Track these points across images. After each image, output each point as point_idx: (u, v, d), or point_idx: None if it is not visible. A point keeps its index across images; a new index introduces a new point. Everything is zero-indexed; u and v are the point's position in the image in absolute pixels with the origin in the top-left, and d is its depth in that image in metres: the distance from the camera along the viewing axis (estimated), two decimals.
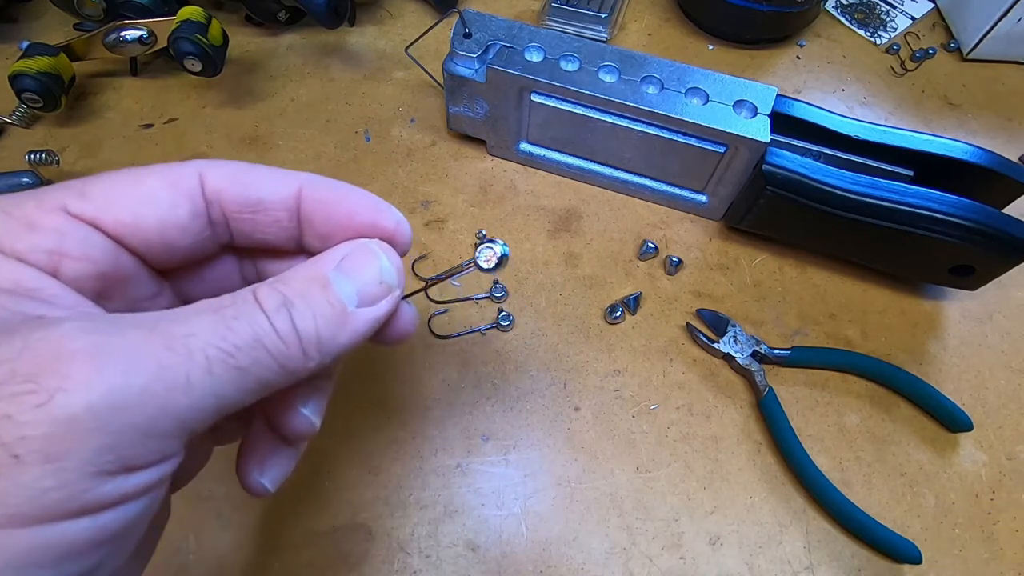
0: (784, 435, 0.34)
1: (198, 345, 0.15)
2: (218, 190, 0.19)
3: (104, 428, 0.13)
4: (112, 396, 0.13)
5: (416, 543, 0.32)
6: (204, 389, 0.15)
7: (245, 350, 0.16)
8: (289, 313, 0.17)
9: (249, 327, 0.16)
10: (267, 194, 0.19)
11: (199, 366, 0.15)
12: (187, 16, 0.41)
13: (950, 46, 0.52)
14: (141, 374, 0.14)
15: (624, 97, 0.37)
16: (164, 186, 0.18)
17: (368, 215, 0.20)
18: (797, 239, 0.40)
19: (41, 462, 0.12)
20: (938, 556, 0.33)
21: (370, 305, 0.18)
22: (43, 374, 0.13)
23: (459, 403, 0.36)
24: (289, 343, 0.16)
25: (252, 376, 0.16)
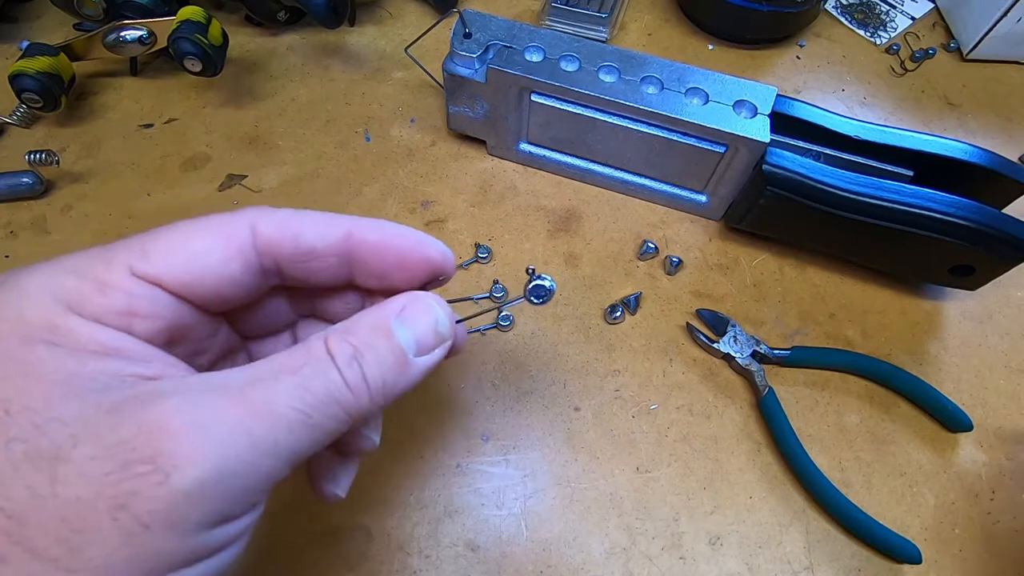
0: (784, 435, 0.34)
1: (281, 411, 0.17)
2: (270, 243, 0.20)
3: (211, 496, 0.16)
4: (215, 470, 0.15)
5: (416, 543, 0.32)
6: (287, 448, 0.17)
7: (320, 408, 0.18)
8: (359, 365, 0.18)
9: (324, 386, 0.18)
10: (317, 242, 0.20)
11: (282, 427, 0.17)
12: (187, 16, 0.41)
13: (950, 46, 0.52)
14: (237, 446, 0.16)
15: (624, 97, 0.37)
16: (219, 244, 0.19)
17: (417, 252, 0.21)
18: (797, 239, 0.40)
19: (165, 529, 0.15)
20: (938, 556, 0.33)
21: (426, 354, 0.20)
22: (160, 456, 0.15)
23: (459, 403, 0.36)
24: (359, 394, 0.18)
25: (324, 430, 0.18)
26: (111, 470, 0.15)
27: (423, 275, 0.22)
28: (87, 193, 0.42)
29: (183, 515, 0.15)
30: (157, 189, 0.43)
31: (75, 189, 0.42)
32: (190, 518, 0.15)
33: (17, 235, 0.40)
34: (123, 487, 0.15)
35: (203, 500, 0.15)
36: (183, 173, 0.43)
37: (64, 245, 0.40)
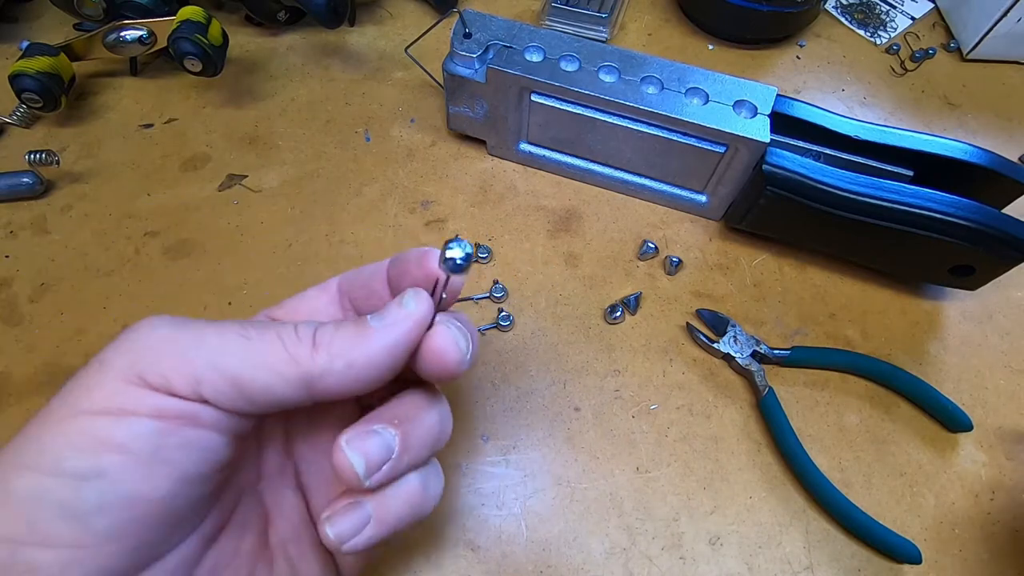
0: (784, 435, 0.34)
1: (226, 324, 0.20)
2: (345, 281, 0.26)
3: (136, 350, 0.20)
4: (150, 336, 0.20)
5: (416, 543, 0.32)
6: (212, 345, 0.20)
7: (258, 331, 0.20)
8: (315, 326, 0.21)
9: (272, 326, 0.21)
10: (368, 275, 0.25)
11: (214, 330, 0.20)
12: (187, 16, 0.41)
13: (950, 46, 0.52)
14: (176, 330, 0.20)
15: (624, 97, 0.37)
16: (315, 289, 0.26)
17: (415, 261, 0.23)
18: (797, 239, 0.40)
19: (98, 367, 0.19)
20: (938, 556, 0.33)
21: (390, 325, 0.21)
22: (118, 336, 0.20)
23: (459, 403, 0.36)
24: (302, 337, 0.20)
25: (257, 350, 0.20)
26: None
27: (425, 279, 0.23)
28: (87, 193, 0.42)
29: (111, 358, 0.19)
30: (157, 189, 0.43)
31: (75, 189, 0.42)
32: (115, 363, 0.19)
33: (17, 235, 0.40)
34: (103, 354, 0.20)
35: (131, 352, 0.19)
36: (183, 173, 0.43)
37: (64, 245, 0.40)
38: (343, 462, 0.20)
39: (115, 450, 0.18)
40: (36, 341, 0.37)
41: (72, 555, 0.17)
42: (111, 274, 0.39)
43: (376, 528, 0.22)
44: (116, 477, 0.18)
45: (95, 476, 0.18)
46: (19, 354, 0.36)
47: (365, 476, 0.21)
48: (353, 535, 0.21)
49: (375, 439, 0.21)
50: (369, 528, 0.21)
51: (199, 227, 0.41)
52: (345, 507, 0.21)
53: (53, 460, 0.18)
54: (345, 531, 0.21)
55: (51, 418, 0.19)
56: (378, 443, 0.21)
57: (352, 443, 0.21)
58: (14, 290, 0.38)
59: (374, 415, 0.22)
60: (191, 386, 0.19)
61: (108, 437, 0.18)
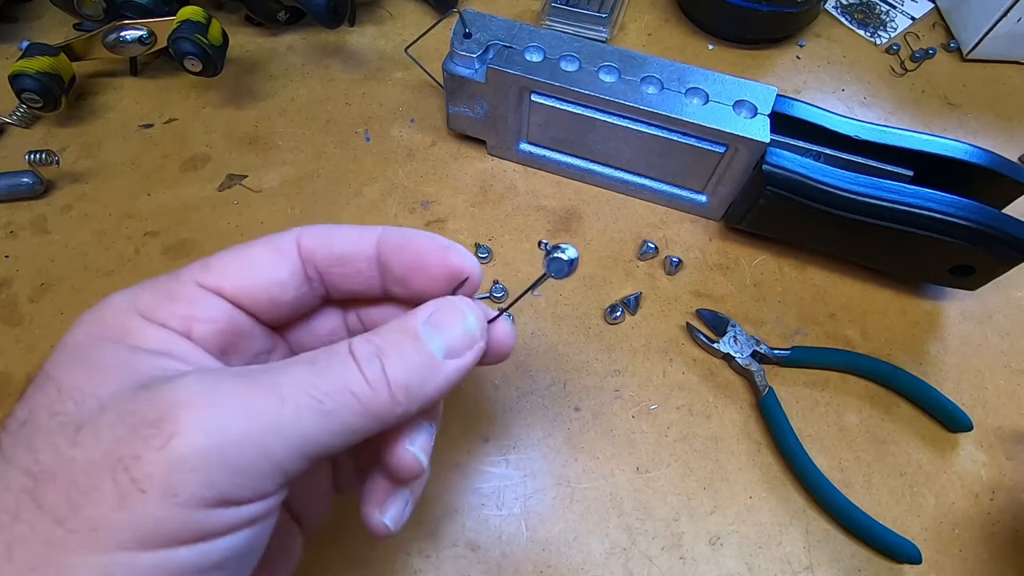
0: (784, 435, 0.34)
1: (289, 393, 0.17)
2: (311, 249, 0.22)
3: (210, 467, 0.16)
4: (215, 439, 0.16)
5: (416, 543, 0.32)
6: (293, 432, 0.17)
7: (332, 395, 0.18)
8: (381, 362, 0.19)
9: (339, 375, 0.18)
10: (349, 248, 0.22)
11: (288, 411, 0.17)
12: (187, 16, 0.41)
13: (950, 46, 0.52)
14: (240, 420, 0.16)
15: (624, 97, 0.37)
16: (267, 252, 0.21)
17: (436, 255, 0.22)
18: (797, 239, 0.40)
19: (160, 495, 0.15)
20: (938, 556, 0.33)
21: (457, 357, 0.20)
22: (163, 420, 0.16)
23: (459, 403, 0.36)
24: (378, 389, 0.18)
25: (337, 420, 0.18)
26: (121, 434, 0.16)
27: (444, 278, 0.22)
28: (87, 193, 0.42)
29: (179, 483, 0.15)
30: (157, 189, 0.43)
31: (75, 189, 0.42)
32: (187, 488, 0.15)
33: (17, 235, 0.40)
34: (127, 449, 0.15)
35: (201, 470, 0.15)
36: (183, 173, 0.43)
37: (64, 245, 0.40)
38: (411, 463, 0.21)
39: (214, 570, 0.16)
40: (36, 341, 0.37)
41: None
42: (111, 274, 0.39)
43: (414, 500, 0.23)
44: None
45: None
46: (19, 354, 0.36)
47: (427, 467, 0.22)
48: (403, 516, 0.23)
49: (425, 434, 0.22)
50: (410, 503, 0.23)
51: (199, 227, 0.41)
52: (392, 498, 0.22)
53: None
54: (399, 515, 0.22)
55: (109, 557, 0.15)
56: (429, 436, 0.22)
57: (415, 443, 0.21)
58: (14, 290, 0.38)
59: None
60: (279, 483, 0.17)
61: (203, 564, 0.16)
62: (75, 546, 0.15)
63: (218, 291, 0.20)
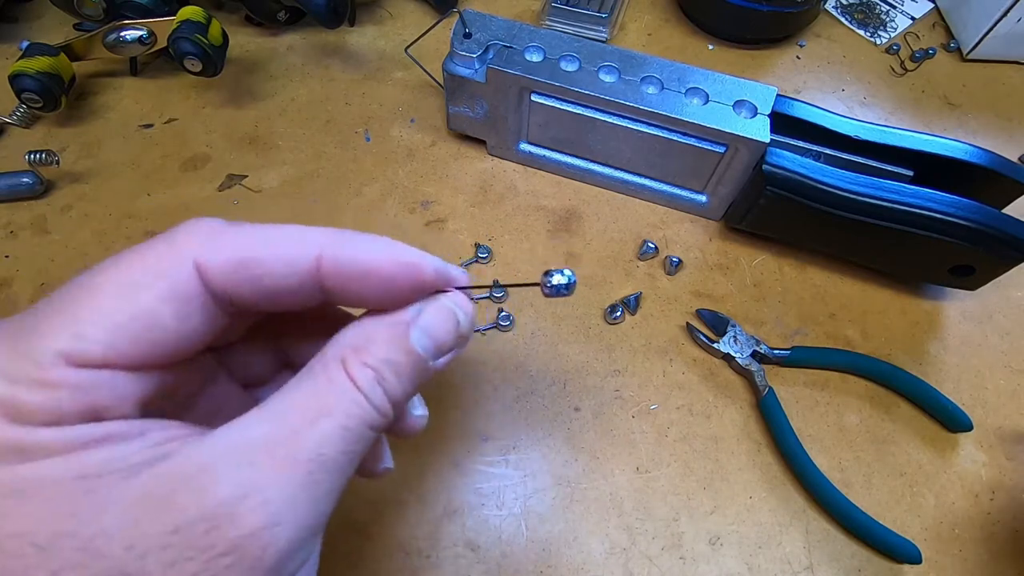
0: (784, 435, 0.34)
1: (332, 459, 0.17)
2: (227, 283, 0.17)
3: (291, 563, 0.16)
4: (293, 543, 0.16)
5: (416, 543, 0.32)
6: (338, 487, 0.17)
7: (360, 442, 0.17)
8: (382, 388, 0.18)
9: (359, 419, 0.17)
10: (281, 281, 0.18)
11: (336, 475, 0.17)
12: (187, 16, 0.41)
13: (950, 46, 0.52)
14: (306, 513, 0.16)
15: (624, 97, 0.37)
16: (164, 303, 0.16)
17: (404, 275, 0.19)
18: (797, 239, 0.40)
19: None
20: (938, 556, 0.33)
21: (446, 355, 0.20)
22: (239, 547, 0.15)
23: (459, 403, 0.36)
24: (385, 413, 0.18)
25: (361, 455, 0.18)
26: (195, 571, 0.14)
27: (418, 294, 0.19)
28: (87, 193, 0.42)
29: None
30: (157, 189, 0.43)
31: (75, 189, 0.42)
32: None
33: (17, 235, 0.40)
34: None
35: (284, 570, 0.16)
36: (183, 173, 0.43)
37: (64, 245, 0.40)
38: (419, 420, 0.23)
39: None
40: None
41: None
42: None
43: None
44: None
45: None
46: None
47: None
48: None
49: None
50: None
51: None
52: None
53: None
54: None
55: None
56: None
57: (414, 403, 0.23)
58: (14, 290, 0.38)
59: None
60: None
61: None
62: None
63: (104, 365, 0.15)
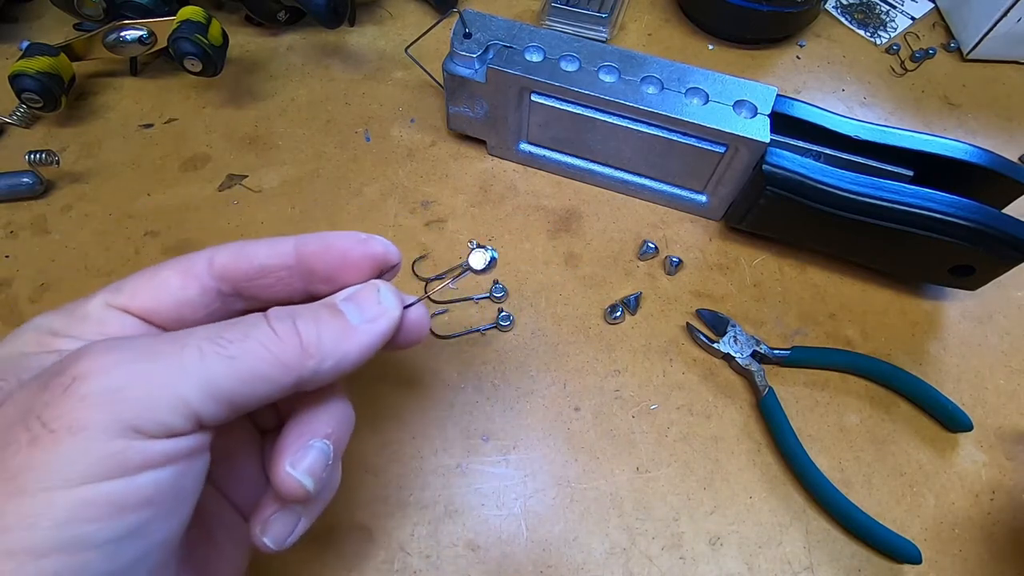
0: (784, 435, 0.34)
1: (192, 340, 0.18)
2: (225, 267, 0.22)
3: (112, 401, 0.17)
4: (116, 376, 0.17)
5: (416, 543, 0.32)
6: (198, 372, 0.18)
7: (237, 342, 0.19)
8: (293, 320, 0.20)
9: (246, 327, 0.19)
10: (266, 260, 0.23)
11: (191, 353, 0.18)
12: (187, 16, 0.41)
13: (950, 46, 0.52)
14: (142, 361, 0.17)
15: (624, 97, 0.37)
16: (176, 273, 0.22)
17: (358, 250, 0.23)
18: (797, 239, 0.40)
19: (69, 432, 0.16)
20: (938, 556, 0.33)
21: (370, 322, 0.22)
22: (70, 367, 0.17)
23: (459, 403, 0.36)
24: (286, 339, 0.19)
25: (245, 366, 0.19)
26: (34, 393, 0.17)
27: (370, 269, 0.23)
28: (87, 193, 0.42)
29: (86, 418, 0.16)
30: (157, 189, 0.43)
31: (75, 189, 0.42)
32: (94, 422, 0.16)
33: (17, 235, 0.40)
34: (38, 401, 0.17)
35: (106, 404, 0.16)
36: (183, 173, 0.43)
37: (64, 245, 0.40)
38: (293, 484, 0.20)
39: (143, 506, 0.17)
40: None
41: None
42: (111, 274, 0.39)
43: (306, 521, 0.23)
44: (150, 529, 0.17)
45: (129, 537, 0.17)
46: None
47: (314, 490, 0.21)
48: (288, 535, 0.22)
49: (315, 454, 0.21)
50: (301, 524, 0.22)
51: (199, 227, 0.41)
52: (275, 514, 0.22)
53: (77, 537, 0.16)
54: (281, 535, 0.22)
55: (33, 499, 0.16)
56: (318, 458, 0.21)
57: (298, 465, 0.21)
58: (14, 290, 0.38)
59: (304, 429, 0.22)
60: (191, 421, 0.18)
61: (130, 498, 0.17)
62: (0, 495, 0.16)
63: (126, 310, 0.21)
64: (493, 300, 0.39)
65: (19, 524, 0.15)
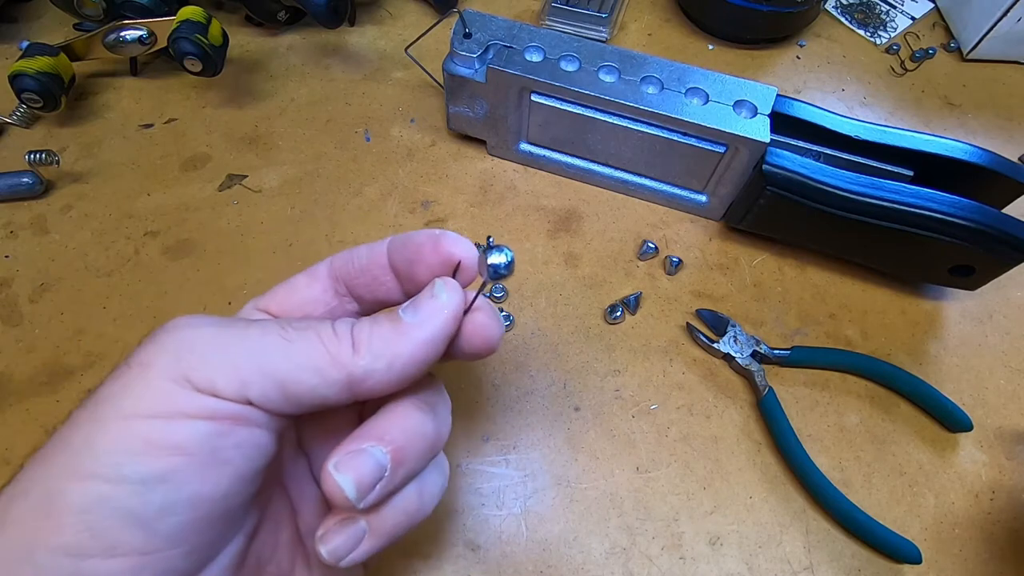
0: (784, 435, 0.34)
1: (257, 325, 0.20)
2: (337, 268, 0.25)
3: (176, 350, 0.19)
4: (189, 335, 0.19)
5: (416, 543, 0.32)
6: (255, 347, 0.19)
7: (297, 331, 0.20)
8: (351, 324, 0.21)
9: (308, 323, 0.21)
10: (366, 260, 0.24)
11: (255, 331, 0.20)
12: (187, 16, 0.41)
13: (950, 46, 0.52)
14: (213, 327, 0.20)
15: (624, 97, 0.37)
16: (304, 276, 0.25)
17: (430, 245, 0.23)
18: (797, 239, 0.40)
19: (139, 369, 0.19)
20: (938, 556, 0.33)
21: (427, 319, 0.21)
22: (163, 326, 0.20)
23: (459, 403, 0.36)
24: (341, 338, 0.20)
25: (301, 353, 0.19)
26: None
27: (441, 266, 0.23)
28: (87, 193, 0.42)
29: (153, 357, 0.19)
30: (157, 189, 0.43)
31: (75, 189, 0.42)
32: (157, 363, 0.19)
33: (17, 235, 0.40)
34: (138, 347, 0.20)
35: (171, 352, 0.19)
36: (183, 173, 0.43)
37: (64, 245, 0.40)
38: (333, 487, 0.19)
39: (175, 452, 0.18)
40: (36, 341, 0.37)
41: (138, 562, 0.17)
42: (111, 274, 0.39)
43: (372, 542, 0.21)
44: (179, 480, 0.18)
45: (158, 480, 0.17)
46: (19, 354, 0.36)
47: (357, 500, 0.19)
48: (348, 551, 0.21)
49: (365, 459, 0.20)
50: (365, 543, 0.21)
51: (199, 227, 0.41)
52: (338, 524, 0.21)
53: (112, 466, 0.17)
54: (340, 548, 0.21)
55: (97, 423, 0.18)
56: (369, 463, 0.20)
57: (341, 467, 0.19)
58: (14, 290, 0.38)
59: (362, 431, 0.21)
60: (237, 389, 0.19)
61: (166, 440, 0.18)
62: (82, 419, 0.18)
63: (267, 311, 0.24)
64: (493, 300, 0.39)
65: (83, 448, 0.18)
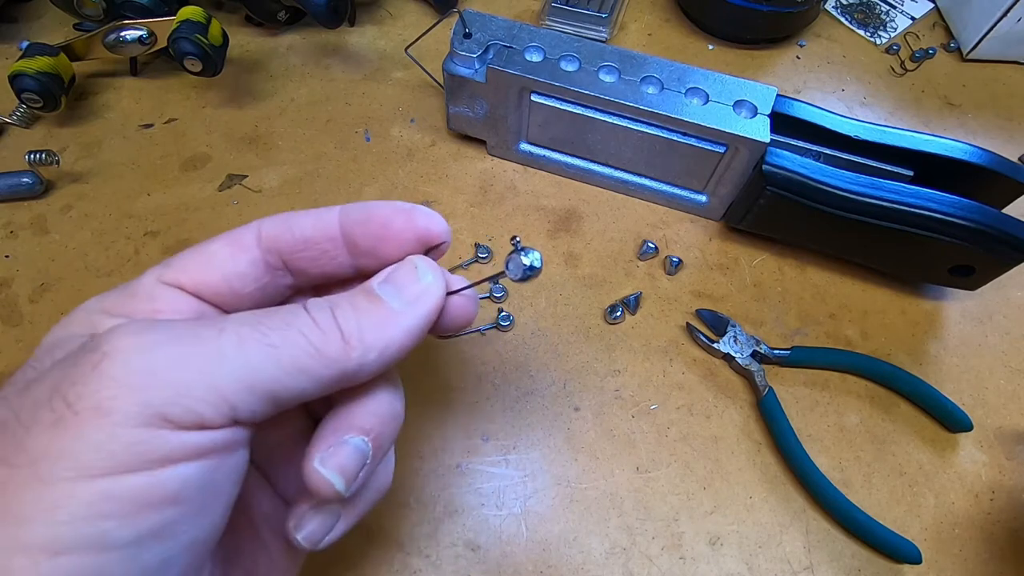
0: (784, 435, 0.34)
1: (231, 326, 0.17)
2: (271, 238, 0.22)
3: (143, 385, 0.15)
4: (148, 358, 0.16)
5: (416, 543, 0.32)
6: (236, 361, 0.17)
7: (277, 331, 0.18)
8: (331, 310, 0.19)
9: (284, 318, 0.18)
10: (311, 231, 0.22)
11: (229, 339, 0.17)
12: (187, 16, 0.41)
13: (950, 46, 0.52)
14: (176, 343, 0.16)
15: (624, 97, 0.37)
16: (225, 246, 0.21)
17: (401, 219, 0.21)
18: (797, 239, 0.40)
19: (94, 415, 0.15)
20: (938, 556, 0.33)
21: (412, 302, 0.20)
22: (102, 344, 0.16)
23: (459, 403, 0.36)
24: (327, 331, 0.18)
25: (287, 356, 0.17)
26: (62, 371, 0.16)
27: (413, 242, 0.22)
28: (87, 193, 0.42)
29: (112, 401, 0.15)
30: (157, 189, 0.43)
31: (75, 189, 0.42)
32: (120, 406, 0.15)
33: (17, 235, 0.40)
34: (65, 379, 0.16)
35: (135, 388, 0.15)
36: (183, 173, 0.43)
37: (64, 245, 0.40)
38: (321, 482, 0.19)
39: (167, 503, 0.16)
40: (36, 341, 0.36)
41: None
42: (111, 274, 0.39)
43: (346, 522, 0.21)
44: (175, 530, 0.16)
45: (152, 537, 0.15)
46: (19, 354, 0.36)
47: (345, 491, 0.19)
48: (324, 534, 0.21)
49: (348, 451, 0.19)
50: (340, 524, 0.21)
51: (199, 227, 0.41)
52: (311, 509, 0.20)
53: (95, 535, 0.15)
54: (316, 533, 0.20)
55: (53, 486, 0.15)
56: (352, 455, 0.19)
57: (327, 462, 0.19)
58: (14, 290, 0.38)
59: (340, 422, 0.20)
60: (226, 414, 0.17)
61: (153, 495, 0.15)
62: (20, 482, 0.14)
63: (178, 286, 0.20)
64: (493, 300, 0.39)
65: (36, 516, 0.14)
